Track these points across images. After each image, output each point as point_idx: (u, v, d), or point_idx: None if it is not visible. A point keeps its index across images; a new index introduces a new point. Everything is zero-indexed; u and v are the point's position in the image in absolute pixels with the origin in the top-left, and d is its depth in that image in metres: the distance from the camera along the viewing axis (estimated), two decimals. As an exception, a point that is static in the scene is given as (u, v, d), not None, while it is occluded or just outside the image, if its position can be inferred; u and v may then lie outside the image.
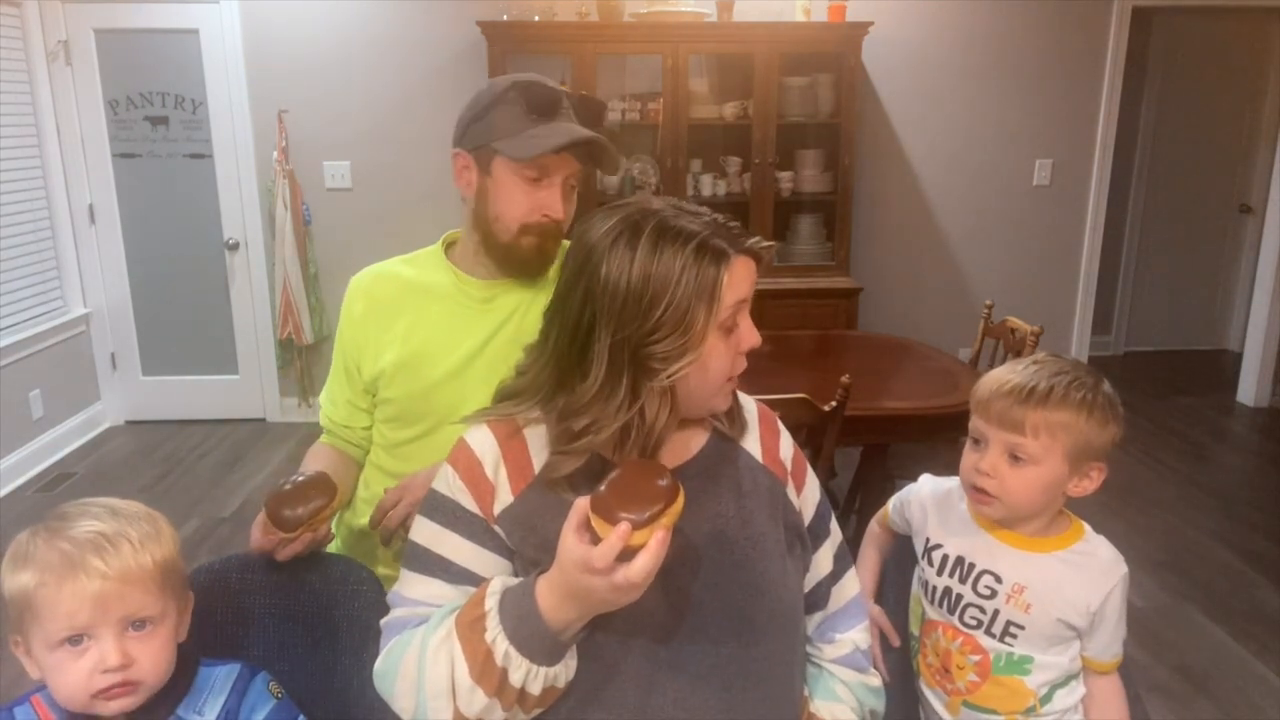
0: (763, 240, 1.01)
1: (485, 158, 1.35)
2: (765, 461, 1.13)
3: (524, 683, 0.90)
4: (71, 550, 0.94)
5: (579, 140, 1.31)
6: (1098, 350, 5.28)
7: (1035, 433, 1.13)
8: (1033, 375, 1.15)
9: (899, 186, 4.62)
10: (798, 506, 1.14)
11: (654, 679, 0.98)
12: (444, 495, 1.05)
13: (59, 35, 4.16)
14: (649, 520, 0.84)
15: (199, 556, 3.15)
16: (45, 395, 4.11)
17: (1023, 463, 1.15)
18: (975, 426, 1.18)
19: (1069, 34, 4.51)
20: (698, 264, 0.94)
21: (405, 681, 0.96)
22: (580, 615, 0.90)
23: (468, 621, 0.93)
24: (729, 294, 0.96)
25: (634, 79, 4.34)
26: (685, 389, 0.99)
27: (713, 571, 1.02)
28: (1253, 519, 3.49)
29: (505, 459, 1.04)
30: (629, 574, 0.84)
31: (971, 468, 1.18)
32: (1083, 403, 1.13)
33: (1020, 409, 1.13)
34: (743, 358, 1.02)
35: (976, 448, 1.19)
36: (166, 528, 1.03)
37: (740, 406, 1.14)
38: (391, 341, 1.42)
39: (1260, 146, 5.47)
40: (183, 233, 4.45)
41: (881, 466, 2.77)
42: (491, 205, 1.36)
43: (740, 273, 0.97)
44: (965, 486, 1.21)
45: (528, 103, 1.31)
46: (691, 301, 0.94)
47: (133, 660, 0.96)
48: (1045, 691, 1.20)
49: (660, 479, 0.87)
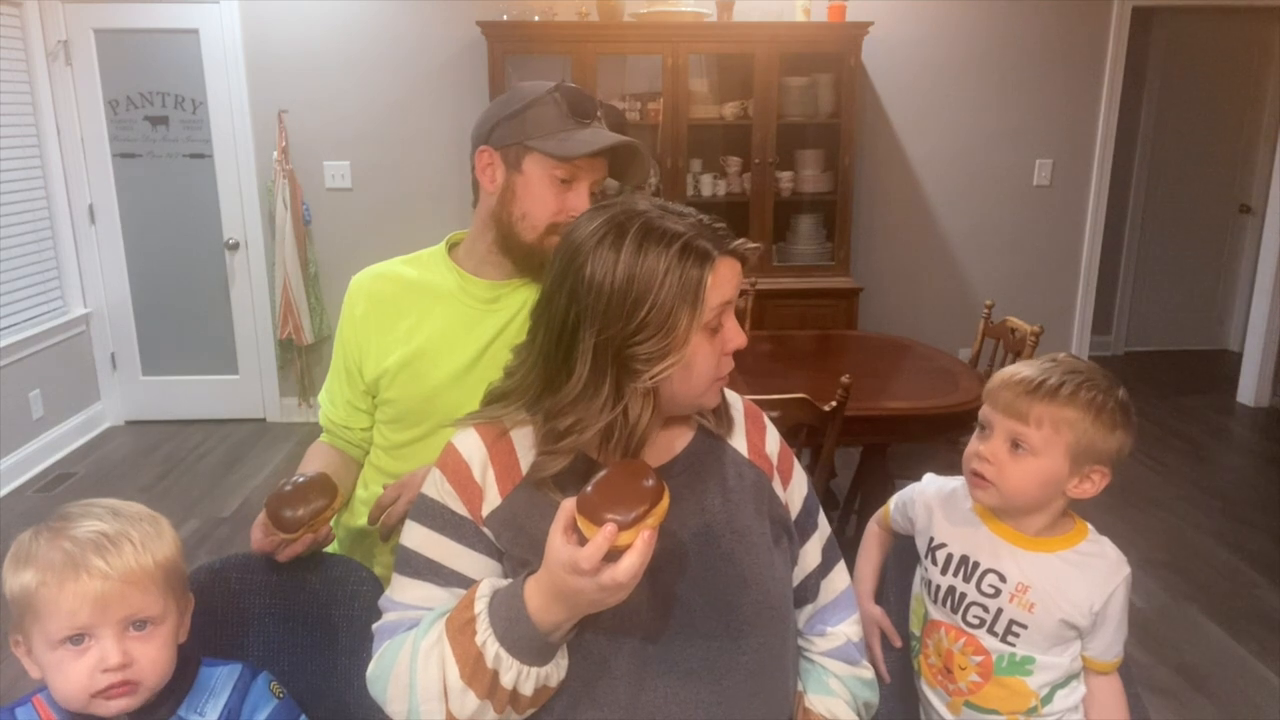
0: (748, 242, 1.01)
1: (516, 155, 1.35)
2: (751, 456, 1.14)
3: (515, 684, 0.91)
4: (73, 550, 0.94)
5: (620, 144, 1.32)
6: (1098, 350, 5.28)
7: (1039, 424, 1.14)
8: (1047, 371, 1.16)
9: (899, 186, 4.62)
10: (784, 500, 1.14)
11: (645, 675, 0.98)
12: (433, 499, 1.06)
13: (59, 35, 4.16)
14: (634, 521, 0.85)
15: (199, 557, 3.15)
16: (45, 395, 4.11)
17: (1023, 452, 1.15)
18: (983, 414, 1.21)
19: (1069, 34, 4.51)
20: (681, 265, 0.94)
21: (398, 685, 0.96)
22: (569, 616, 0.90)
23: (458, 624, 0.93)
24: (713, 295, 0.96)
25: (634, 79, 4.34)
26: (669, 390, 0.99)
27: (700, 567, 1.03)
28: (1253, 519, 3.49)
29: (493, 461, 1.05)
30: (616, 574, 0.84)
31: (973, 453, 1.20)
32: (1091, 403, 1.13)
33: (1027, 399, 1.14)
34: (729, 358, 1.02)
35: (982, 434, 1.20)
36: (168, 529, 1.03)
37: (728, 404, 1.14)
38: (394, 343, 1.41)
39: (1260, 146, 5.47)
40: (183, 233, 4.45)
41: (881, 466, 2.77)
42: (518, 203, 1.35)
43: (725, 274, 0.97)
44: (965, 471, 1.22)
45: (570, 105, 1.33)
46: (675, 303, 0.94)
47: (133, 660, 0.96)
48: (1046, 692, 1.20)
49: (646, 479, 0.88)
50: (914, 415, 2.55)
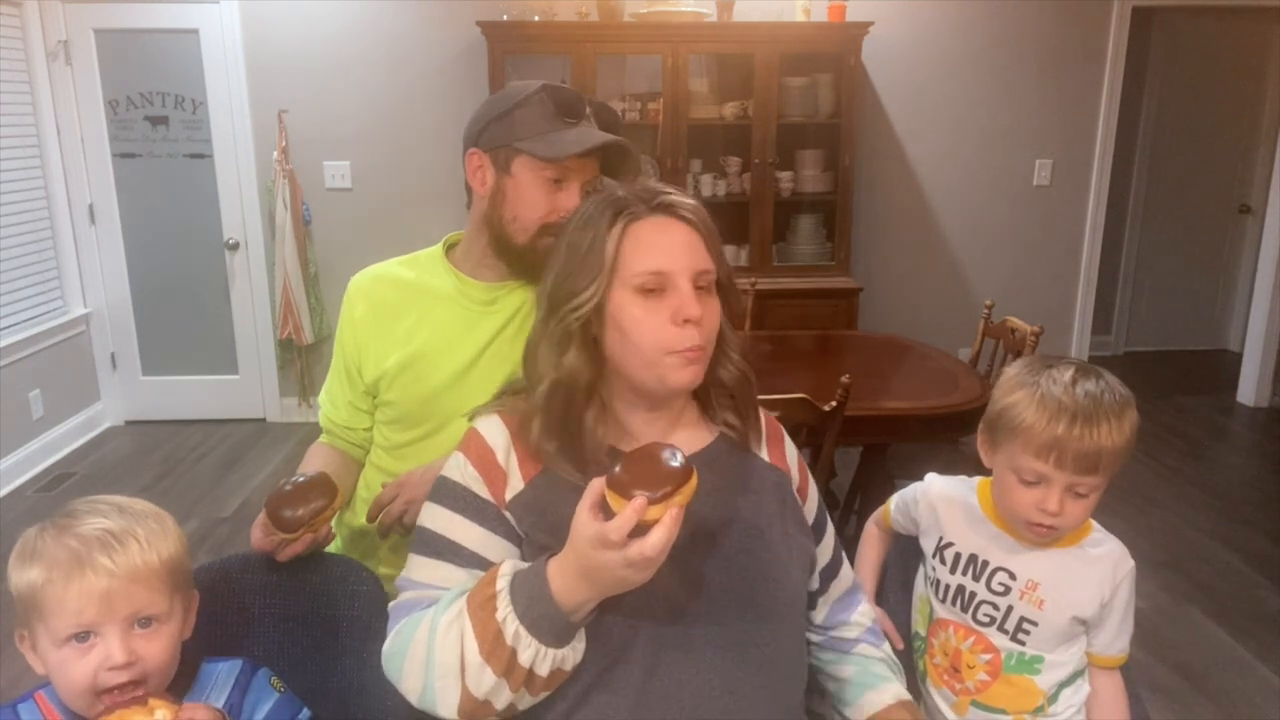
0: (677, 195, 1.04)
1: (505, 157, 1.34)
2: (772, 461, 1.17)
3: (532, 663, 0.91)
4: (79, 547, 0.95)
5: (610, 144, 1.31)
6: (1098, 350, 5.28)
7: (1105, 469, 1.12)
8: (1084, 405, 1.10)
9: (899, 186, 4.62)
10: (801, 504, 1.17)
11: (658, 663, 0.99)
12: (456, 482, 1.07)
13: (59, 35, 4.16)
14: (664, 497, 0.86)
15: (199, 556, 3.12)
16: (45, 395, 4.11)
17: (1084, 496, 1.14)
18: (1034, 470, 1.13)
19: (1069, 34, 4.51)
20: (601, 217, 1.03)
21: (414, 661, 0.97)
22: (592, 596, 0.91)
23: (479, 601, 0.94)
24: (636, 254, 1.01)
25: (634, 79, 4.34)
26: (613, 352, 1.04)
27: (721, 556, 1.04)
28: (1253, 519, 3.49)
29: (516, 447, 1.07)
30: (644, 548, 0.85)
31: (1034, 507, 1.14)
32: (1129, 418, 1.11)
33: (1095, 449, 1.09)
34: (687, 331, 1.01)
35: (1031, 486, 1.14)
36: (173, 526, 1.03)
37: (759, 418, 1.16)
38: (393, 345, 1.41)
39: (1260, 146, 5.47)
40: (183, 233, 4.45)
41: (881, 466, 2.77)
42: (509, 206, 1.34)
43: (653, 237, 1.02)
44: (1022, 522, 1.18)
45: (556, 105, 1.31)
46: (590, 247, 1.02)
47: (138, 658, 0.96)
48: (1053, 691, 1.21)
49: (674, 459, 0.89)
50: (914, 415, 2.55)
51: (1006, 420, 1.15)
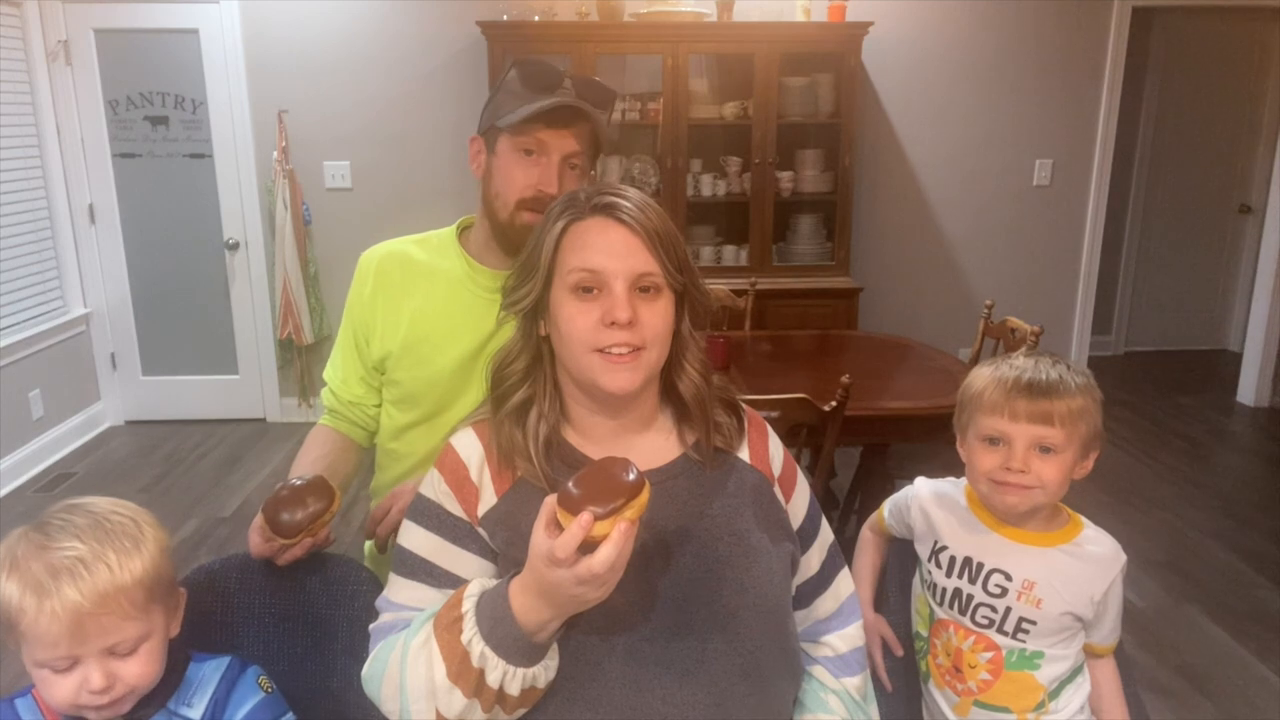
0: (622, 196, 1.03)
1: (491, 138, 1.38)
2: (753, 462, 1.14)
3: (501, 683, 0.91)
4: (47, 580, 0.92)
5: (559, 105, 1.30)
6: (1098, 350, 5.28)
7: (1062, 422, 1.15)
8: (1033, 369, 1.18)
9: (899, 186, 4.62)
10: (785, 507, 1.14)
11: (639, 677, 0.98)
12: (429, 499, 1.06)
13: (59, 35, 4.16)
14: (611, 512, 0.85)
15: (199, 556, 3.15)
16: (45, 395, 4.11)
17: (1051, 453, 1.17)
18: (993, 427, 1.18)
19: (1069, 34, 4.50)
20: (552, 216, 1.05)
21: (390, 684, 0.96)
22: (553, 615, 0.90)
23: (445, 623, 0.94)
24: (572, 253, 1.01)
25: (634, 79, 4.33)
26: (558, 352, 1.05)
27: (697, 569, 1.02)
28: (1253, 519, 3.48)
29: (489, 460, 1.06)
30: (591, 565, 0.84)
31: (998, 467, 1.18)
32: (1087, 388, 1.18)
33: (1046, 402, 1.15)
34: (614, 332, 0.99)
35: (995, 447, 1.19)
36: (151, 531, 1.00)
37: (731, 428, 1.13)
38: (398, 324, 1.42)
39: (1260, 146, 5.47)
40: (183, 233, 4.45)
41: (881, 466, 2.77)
42: (494, 184, 1.38)
43: (590, 238, 1.02)
44: (990, 487, 1.20)
45: (523, 78, 1.33)
46: (537, 250, 1.04)
47: (117, 679, 0.96)
48: (1054, 687, 1.21)
49: (626, 473, 0.88)
50: (914, 415, 2.54)
51: (967, 399, 1.22)
